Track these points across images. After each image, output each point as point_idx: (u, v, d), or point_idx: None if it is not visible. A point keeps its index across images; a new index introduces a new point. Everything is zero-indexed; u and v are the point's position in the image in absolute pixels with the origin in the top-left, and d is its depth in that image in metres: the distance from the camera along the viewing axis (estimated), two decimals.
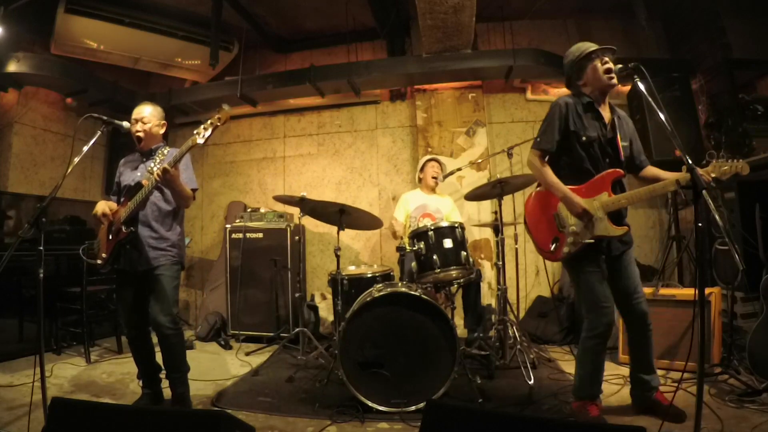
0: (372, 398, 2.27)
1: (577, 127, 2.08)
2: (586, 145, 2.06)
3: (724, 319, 2.80)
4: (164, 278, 2.33)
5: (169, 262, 2.37)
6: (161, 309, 2.28)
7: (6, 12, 3.51)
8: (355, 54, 4.60)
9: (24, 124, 4.16)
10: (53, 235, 3.80)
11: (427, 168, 3.70)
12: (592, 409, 2.07)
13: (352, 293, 2.97)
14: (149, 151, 2.47)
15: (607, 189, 2.03)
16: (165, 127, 2.53)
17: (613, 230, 2.01)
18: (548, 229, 2.15)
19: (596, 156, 2.07)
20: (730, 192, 3.25)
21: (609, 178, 2.04)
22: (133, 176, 2.44)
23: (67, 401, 1.51)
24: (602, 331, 2.03)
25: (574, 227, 2.04)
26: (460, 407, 1.58)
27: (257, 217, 4.23)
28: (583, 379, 2.10)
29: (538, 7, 4.26)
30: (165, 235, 2.38)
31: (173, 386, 2.39)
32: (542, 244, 2.17)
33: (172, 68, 4.49)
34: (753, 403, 2.17)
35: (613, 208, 2.01)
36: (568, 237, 2.06)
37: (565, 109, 2.10)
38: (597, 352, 2.06)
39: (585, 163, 2.07)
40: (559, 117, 2.10)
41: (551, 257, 2.14)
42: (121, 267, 2.36)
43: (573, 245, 2.04)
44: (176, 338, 2.35)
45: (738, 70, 3.64)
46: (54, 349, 3.51)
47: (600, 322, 2.02)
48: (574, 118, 2.08)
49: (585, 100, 2.12)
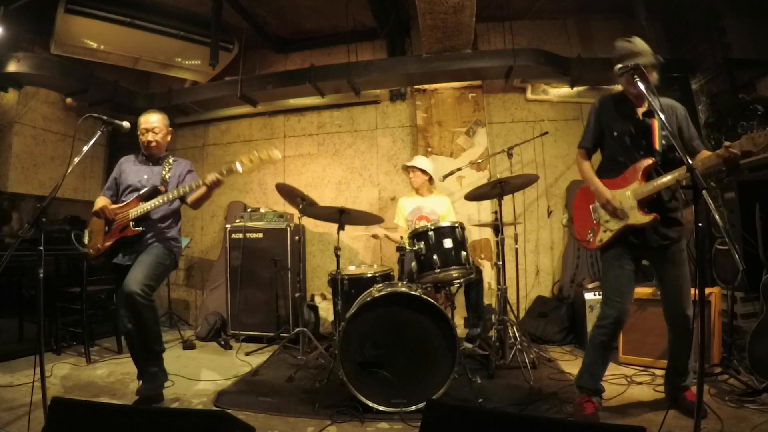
0: (372, 398, 2.27)
1: (609, 122, 2.19)
2: (618, 139, 2.16)
3: (724, 319, 2.80)
4: (150, 254, 2.39)
5: (161, 247, 2.47)
6: (134, 276, 2.26)
7: (6, 12, 3.51)
8: (355, 54, 4.60)
9: (24, 124, 4.16)
10: (53, 235, 3.79)
11: (409, 175, 3.77)
12: (587, 406, 2.08)
13: (352, 293, 2.97)
14: (157, 157, 2.60)
15: (639, 178, 2.08)
16: (171, 134, 2.68)
17: (641, 218, 2.05)
18: (587, 221, 2.27)
19: (629, 148, 2.13)
20: (730, 192, 3.25)
21: (641, 167, 2.08)
22: (138, 178, 2.55)
23: (67, 401, 1.50)
24: (607, 323, 2.09)
25: (607, 217, 2.15)
26: (460, 407, 1.58)
27: (257, 217, 4.23)
28: (584, 367, 2.18)
29: (538, 7, 4.27)
30: (166, 234, 2.52)
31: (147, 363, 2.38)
32: (580, 234, 2.32)
33: (172, 68, 4.48)
34: (753, 403, 2.17)
35: (642, 196, 2.06)
36: (602, 227, 2.18)
37: (598, 106, 2.25)
38: (599, 343, 2.13)
39: (619, 155, 2.16)
40: (594, 116, 2.26)
41: (587, 246, 2.28)
42: (120, 261, 2.45)
43: (605, 234, 2.16)
44: (149, 312, 2.31)
45: (738, 70, 3.63)
46: (54, 349, 3.51)
47: (607, 314, 2.10)
48: (607, 114, 2.21)
49: (619, 95, 2.21)
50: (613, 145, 2.18)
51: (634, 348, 2.90)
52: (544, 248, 4.39)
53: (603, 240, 2.16)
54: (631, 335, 2.90)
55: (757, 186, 3.04)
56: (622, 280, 2.11)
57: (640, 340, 2.87)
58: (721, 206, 3.21)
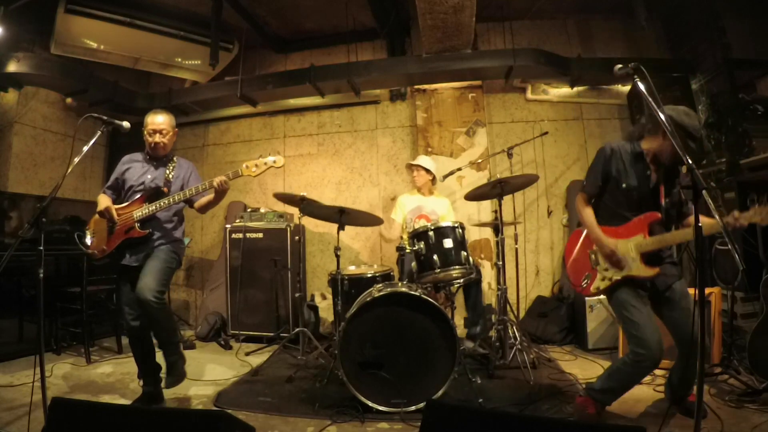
0: (372, 398, 2.27)
1: (619, 173, 2.13)
2: (625, 192, 2.11)
3: (724, 319, 2.80)
4: (158, 258, 2.42)
5: (168, 250, 2.48)
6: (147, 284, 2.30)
7: (6, 12, 3.51)
8: (355, 54, 4.60)
9: (24, 124, 4.16)
10: (53, 235, 3.78)
11: (413, 172, 3.75)
12: (589, 406, 2.08)
13: (352, 293, 2.97)
14: (162, 158, 2.60)
15: (643, 231, 2.06)
16: (176, 134, 2.67)
17: (645, 271, 2.03)
18: (583, 265, 2.25)
19: (635, 202, 2.11)
20: (730, 192, 3.25)
21: (646, 220, 2.07)
22: (142, 178, 2.55)
23: (67, 401, 1.50)
24: (648, 366, 2.00)
25: (606, 265, 2.13)
26: (460, 407, 1.58)
27: (257, 217, 4.23)
28: (608, 388, 2.08)
29: (538, 7, 4.27)
30: (171, 235, 2.53)
31: (165, 355, 2.45)
32: (574, 279, 2.29)
33: (172, 68, 4.48)
34: (753, 403, 2.18)
35: (645, 249, 2.04)
36: (599, 273, 2.16)
37: (609, 154, 2.16)
38: (633, 376, 2.05)
39: (622, 208, 2.13)
40: (603, 163, 2.17)
41: (581, 291, 2.25)
42: (127, 263, 2.44)
43: (602, 282, 2.14)
44: (163, 313, 2.38)
45: (738, 70, 3.63)
46: (54, 349, 3.51)
47: (642, 356, 1.99)
48: (617, 164, 2.14)
49: (637, 149, 2.13)
50: (619, 196, 2.14)
51: None
52: (544, 248, 4.39)
53: (600, 288, 2.15)
54: None
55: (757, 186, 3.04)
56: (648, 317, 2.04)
57: None
58: (721, 206, 3.21)
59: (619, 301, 2.10)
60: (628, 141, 2.19)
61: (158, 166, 2.58)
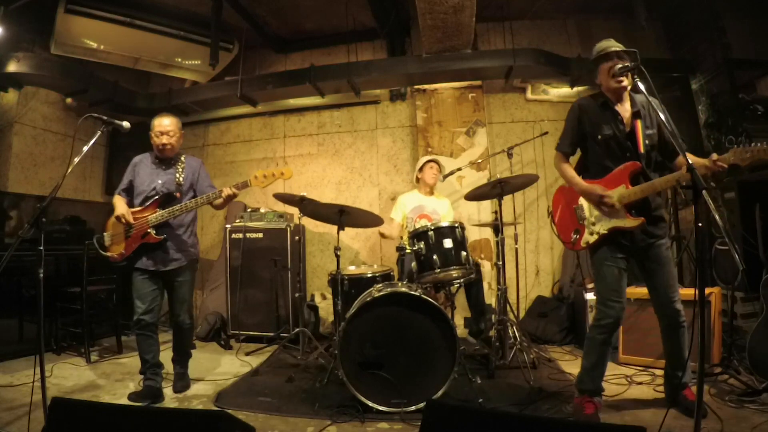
0: (372, 398, 2.27)
1: (593, 125, 2.17)
2: (602, 143, 2.14)
3: (724, 319, 2.80)
4: (186, 283, 2.68)
5: (189, 262, 2.67)
6: (183, 309, 2.69)
7: (6, 12, 3.51)
8: (355, 54, 4.60)
9: (24, 124, 4.16)
10: (53, 235, 3.79)
11: (426, 169, 3.68)
12: (588, 406, 2.08)
13: (352, 293, 2.97)
14: (170, 159, 2.67)
15: (624, 181, 2.07)
16: (183, 136, 2.75)
17: (629, 221, 2.05)
18: (570, 222, 2.27)
19: (615, 152, 2.12)
20: (730, 192, 3.25)
21: (627, 170, 2.08)
22: (152, 183, 2.61)
23: (67, 401, 1.50)
24: (607, 323, 2.08)
25: (593, 219, 2.15)
26: (460, 407, 1.58)
27: (257, 217, 4.23)
28: (585, 369, 2.15)
29: (538, 7, 4.27)
30: (186, 240, 2.66)
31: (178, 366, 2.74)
32: (564, 236, 2.31)
33: (172, 68, 4.48)
34: (753, 403, 2.17)
35: (628, 200, 2.05)
36: (587, 228, 2.18)
37: (578, 111, 2.22)
38: (600, 343, 2.11)
39: (604, 159, 2.14)
40: (573, 119, 2.23)
41: (572, 247, 2.27)
42: (144, 266, 2.55)
43: (591, 236, 2.15)
44: (191, 331, 2.85)
45: (738, 70, 3.63)
46: (54, 349, 3.51)
47: (606, 314, 2.09)
48: (589, 118, 2.18)
49: (600, 99, 2.18)
50: (597, 149, 2.16)
51: (634, 348, 2.89)
52: (544, 248, 4.39)
53: (589, 242, 2.16)
54: (631, 335, 2.90)
55: (757, 186, 3.04)
56: (618, 279, 2.10)
57: (640, 340, 2.86)
58: (721, 206, 3.21)
59: (598, 259, 2.15)
60: (596, 95, 2.23)
61: (168, 168, 2.65)
